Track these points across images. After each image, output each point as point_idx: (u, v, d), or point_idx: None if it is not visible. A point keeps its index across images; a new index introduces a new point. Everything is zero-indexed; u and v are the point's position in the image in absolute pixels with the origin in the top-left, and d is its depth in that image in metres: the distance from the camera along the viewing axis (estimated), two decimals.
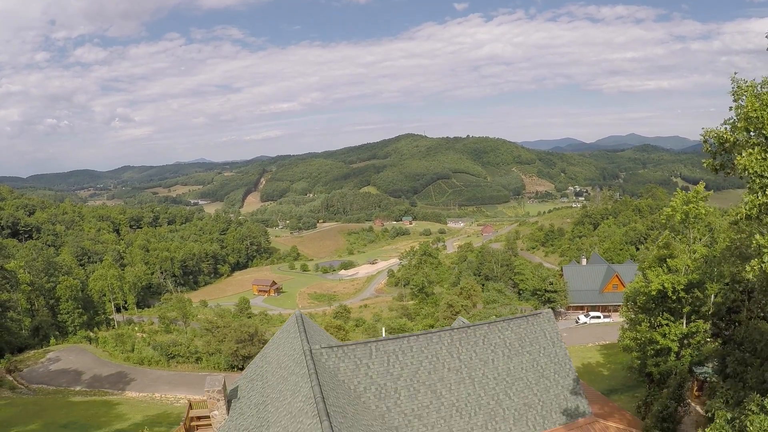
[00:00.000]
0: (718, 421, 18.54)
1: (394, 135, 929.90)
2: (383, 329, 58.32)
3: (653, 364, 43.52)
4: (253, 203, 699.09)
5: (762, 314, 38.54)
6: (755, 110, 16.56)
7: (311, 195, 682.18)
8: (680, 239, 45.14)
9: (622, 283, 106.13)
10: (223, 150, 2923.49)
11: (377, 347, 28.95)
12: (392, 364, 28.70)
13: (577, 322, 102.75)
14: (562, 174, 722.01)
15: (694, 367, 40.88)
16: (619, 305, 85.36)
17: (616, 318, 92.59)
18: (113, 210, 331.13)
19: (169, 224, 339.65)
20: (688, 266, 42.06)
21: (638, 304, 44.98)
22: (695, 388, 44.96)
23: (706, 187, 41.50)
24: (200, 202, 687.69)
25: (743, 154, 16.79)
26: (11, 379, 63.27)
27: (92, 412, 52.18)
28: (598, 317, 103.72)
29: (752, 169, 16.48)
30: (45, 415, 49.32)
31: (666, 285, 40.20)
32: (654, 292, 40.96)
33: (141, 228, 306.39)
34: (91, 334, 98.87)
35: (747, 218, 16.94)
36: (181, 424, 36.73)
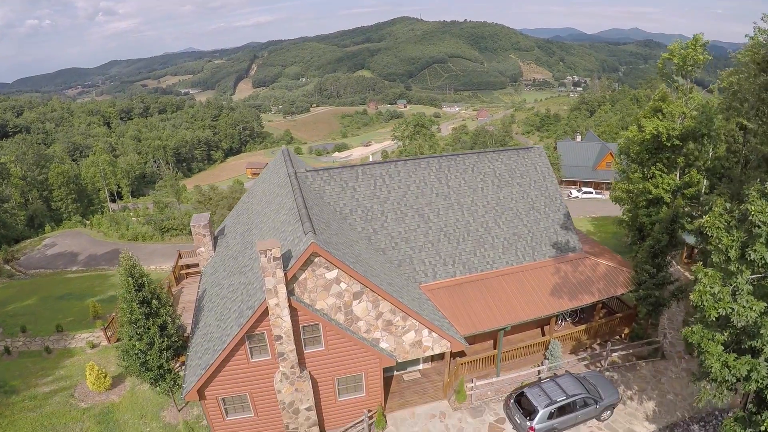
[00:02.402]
0: (716, 209, 18.07)
1: (389, 18, 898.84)
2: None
3: (645, 215, 43.09)
4: (245, 90, 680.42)
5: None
6: None
7: (304, 79, 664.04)
8: (677, 87, 43.53)
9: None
10: (213, 38, 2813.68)
11: (364, 170, 28.38)
12: (379, 188, 28.30)
13: (569, 196, 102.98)
14: (561, 63, 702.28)
15: (684, 234, 39.98)
16: (612, 183, 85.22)
17: (608, 195, 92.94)
18: (103, 104, 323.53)
19: (160, 114, 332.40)
20: (684, 114, 40.66)
21: (631, 155, 43.91)
22: (684, 256, 45.17)
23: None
24: (191, 92, 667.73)
25: None
26: (9, 268, 63.44)
27: (88, 284, 52.84)
28: (590, 193, 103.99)
29: None
30: (42, 291, 49.89)
31: (661, 130, 38.84)
32: (648, 137, 39.75)
33: (132, 119, 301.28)
34: (86, 221, 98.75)
35: None
36: (171, 273, 36.75)
